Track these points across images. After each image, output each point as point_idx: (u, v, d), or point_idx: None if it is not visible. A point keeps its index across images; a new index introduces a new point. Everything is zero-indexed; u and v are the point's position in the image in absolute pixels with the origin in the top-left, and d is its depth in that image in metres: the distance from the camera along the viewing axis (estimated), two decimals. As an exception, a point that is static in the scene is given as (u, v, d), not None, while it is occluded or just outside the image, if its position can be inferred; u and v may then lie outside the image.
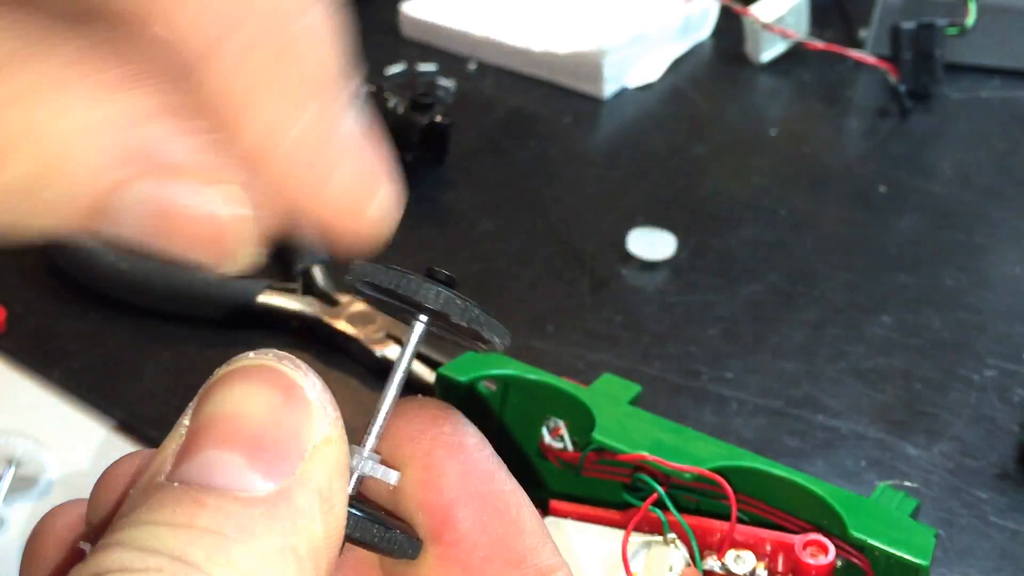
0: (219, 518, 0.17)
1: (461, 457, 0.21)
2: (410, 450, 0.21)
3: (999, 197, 0.70)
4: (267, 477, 0.18)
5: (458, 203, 0.69)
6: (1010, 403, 0.53)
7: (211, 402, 0.19)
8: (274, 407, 0.18)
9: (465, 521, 0.20)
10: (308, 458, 0.18)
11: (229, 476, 0.18)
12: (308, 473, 0.18)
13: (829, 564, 0.34)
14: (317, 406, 0.19)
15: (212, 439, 0.18)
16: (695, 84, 0.85)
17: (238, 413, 0.18)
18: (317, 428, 0.19)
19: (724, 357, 0.55)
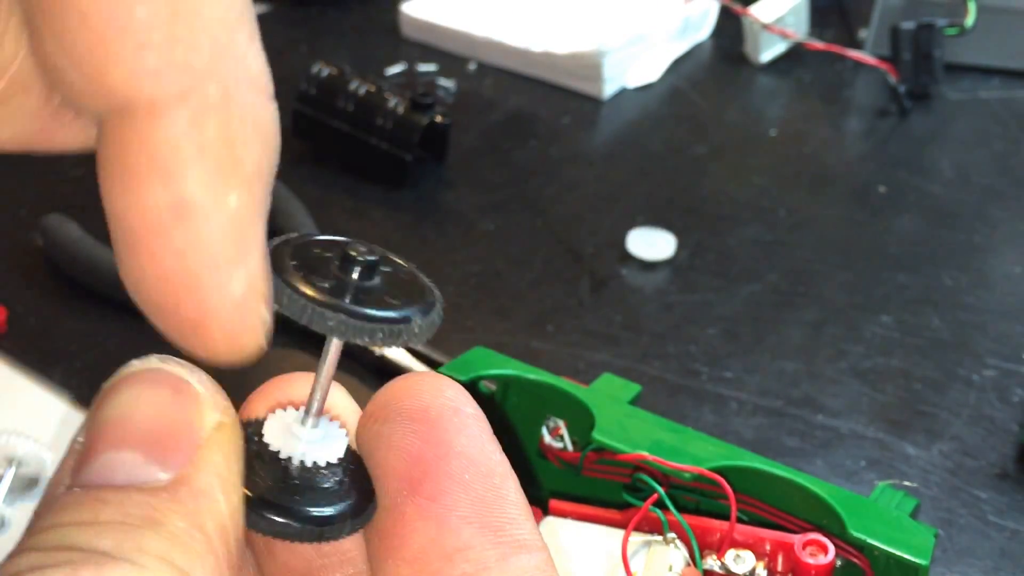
0: (123, 510, 0.18)
1: (456, 419, 0.21)
2: (408, 403, 0.21)
3: (998, 197, 0.70)
4: (165, 468, 0.18)
5: (458, 203, 0.69)
6: (1009, 403, 0.53)
7: (102, 410, 0.19)
8: (163, 403, 0.19)
9: (448, 476, 0.20)
10: (203, 445, 0.19)
11: (128, 473, 0.18)
12: (205, 458, 0.19)
13: (829, 564, 0.34)
14: (206, 397, 0.19)
15: (107, 443, 0.19)
16: (695, 84, 0.85)
17: (130, 415, 0.19)
18: (209, 416, 0.19)
19: (724, 357, 0.56)
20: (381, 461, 0.21)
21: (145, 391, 0.19)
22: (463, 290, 0.60)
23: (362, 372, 0.53)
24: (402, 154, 0.67)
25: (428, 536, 0.20)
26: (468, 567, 0.19)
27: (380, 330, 0.20)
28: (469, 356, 0.42)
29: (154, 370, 0.20)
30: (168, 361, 0.20)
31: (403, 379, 0.22)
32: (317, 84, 0.69)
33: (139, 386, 0.19)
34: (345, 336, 0.20)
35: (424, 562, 0.19)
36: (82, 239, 0.58)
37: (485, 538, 0.20)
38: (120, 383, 0.20)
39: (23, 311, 0.57)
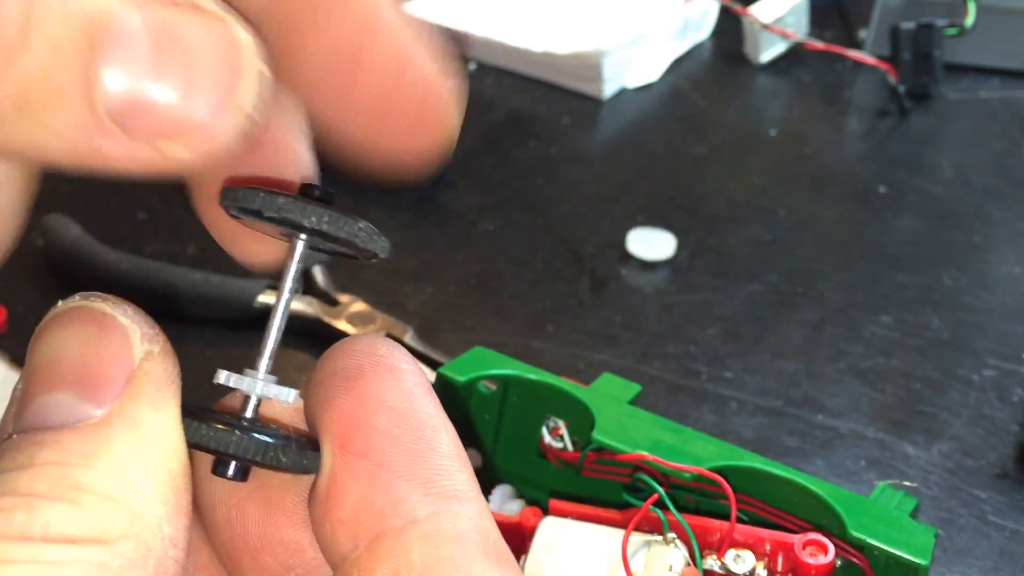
0: (58, 451, 0.18)
1: (388, 375, 0.21)
2: (343, 363, 0.21)
3: (998, 197, 0.70)
4: (98, 404, 0.18)
5: (458, 203, 0.69)
6: (1009, 403, 0.53)
7: (33, 355, 0.19)
8: (89, 340, 0.19)
9: (375, 432, 0.20)
10: (134, 376, 0.19)
11: (62, 414, 0.18)
12: (137, 388, 0.19)
13: (828, 564, 0.34)
14: (132, 328, 0.19)
15: (40, 386, 0.19)
16: (695, 84, 0.85)
17: (58, 356, 0.19)
18: (136, 347, 0.19)
19: (724, 357, 0.56)
20: (317, 422, 0.21)
21: (71, 330, 0.19)
22: (463, 290, 0.60)
23: (362, 372, 0.53)
24: (402, 154, 0.67)
25: (359, 494, 0.19)
26: (398, 521, 0.19)
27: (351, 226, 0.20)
28: (469, 356, 0.42)
29: (78, 308, 0.20)
30: (91, 297, 0.20)
31: (341, 342, 0.22)
32: (317, 84, 0.69)
33: (65, 326, 0.19)
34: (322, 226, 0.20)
35: (357, 521, 0.19)
36: (82, 239, 0.58)
37: (414, 491, 0.19)
38: (47, 325, 0.20)
39: (23, 311, 0.57)
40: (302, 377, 0.55)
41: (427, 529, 0.19)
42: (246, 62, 0.18)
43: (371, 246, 0.21)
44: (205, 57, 0.17)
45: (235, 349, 0.55)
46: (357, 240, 0.21)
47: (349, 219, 0.20)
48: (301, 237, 0.21)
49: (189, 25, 0.17)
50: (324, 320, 0.55)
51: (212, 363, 0.54)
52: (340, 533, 0.19)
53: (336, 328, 0.54)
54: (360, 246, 0.21)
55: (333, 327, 0.54)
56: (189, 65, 0.17)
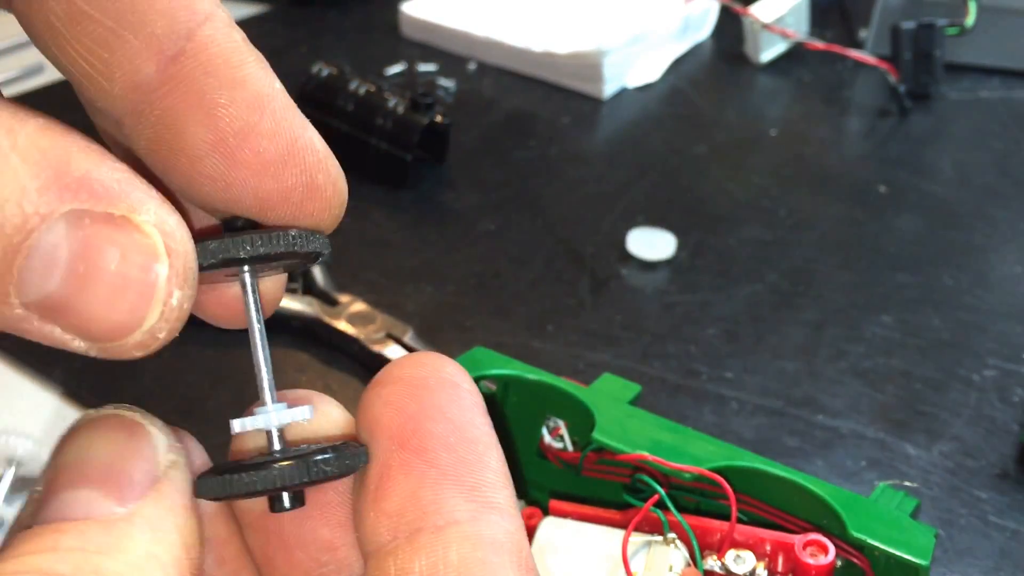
0: (82, 538, 0.18)
1: (451, 391, 0.22)
2: (409, 372, 0.22)
3: (998, 197, 0.70)
4: (121, 503, 0.19)
5: (458, 203, 0.69)
6: (1010, 403, 0.53)
7: (59, 455, 0.20)
8: (119, 444, 0.20)
9: (434, 436, 0.21)
10: (158, 481, 0.20)
11: (85, 508, 0.19)
12: (161, 492, 0.20)
13: (829, 564, 0.34)
14: (159, 436, 0.20)
15: (65, 483, 0.19)
16: (695, 84, 0.85)
17: (86, 456, 0.20)
18: (162, 455, 0.20)
19: (724, 357, 0.55)
20: (376, 416, 0.21)
21: (101, 433, 0.20)
22: (463, 290, 0.60)
23: (363, 372, 0.53)
24: (402, 154, 0.67)
25: (408, 489, 0.20)
26: (440, 520, 0.20)
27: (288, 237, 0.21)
28: (469, 356, 0.42)
29: (109, 416, 0.21)
30: (121, 407, 0.21)
31: (409, 355, 0.23)
32: (317, 84, 0.69)
33: (95, 430, 0.20)
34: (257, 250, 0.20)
35: (401, 514, 0.20)
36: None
37: (461, 495, 0.20)
38: (77, 429, 0.20)
39: (23, 311, 0.57)
40: (302, 377, 0.56)
41: (467, 531, 0.20)
42: (160, 290, 0.18)
43: (312, 247, 0.22)
44: (120, 281, 0.18)
45: (235, 350, 0.55)
46: (296, 248, 0.21)
47: (278, 233, 0.21)
48: (245, 269, 0.22)
49: (110, 245, 0.18)
50: (324, 320, 0.55)
51: (212, 363, 0.54)
52: (382, 523, 0.20)
53: (336, 328, 0.54)
54: (301, 251, 0.21)
55: (333, 327, 0.54)
56: (102, 286, 0.18)
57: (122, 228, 0.18)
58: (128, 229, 0.18)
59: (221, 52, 0.20)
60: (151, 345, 0.19)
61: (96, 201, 0.17)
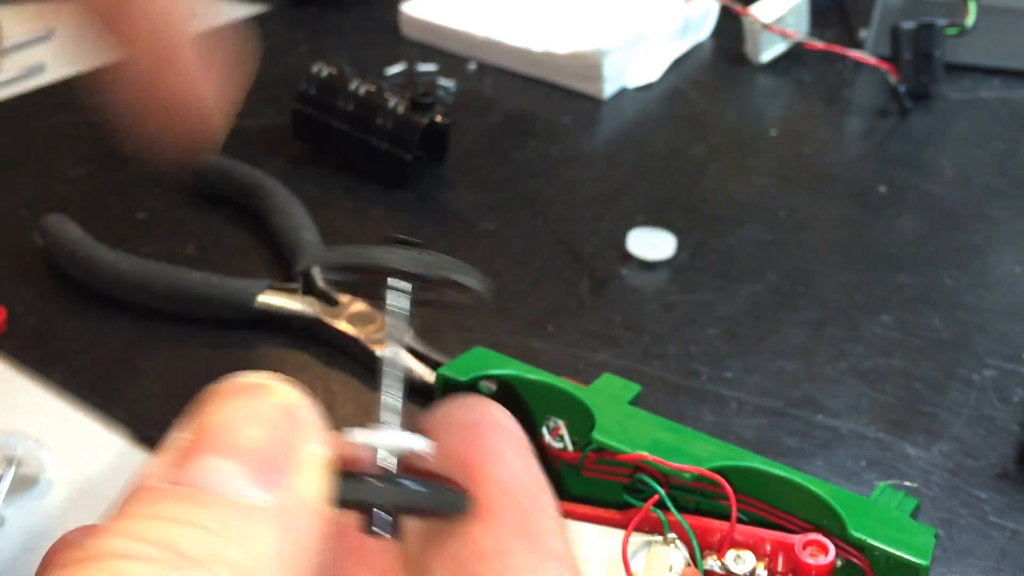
0: (213, 518, 0.18)
1: (502, 435, 0.22)
2: (460, 418, 0.23)
3: (999, 197, 0.70)
4: (260, 487, 0.19)
5: (458, 203, 0.69)
6: (1010, 403, 0.53)
7: (208, 414, 0.20)
8: (270, 422, 0.19)
9: (495, 484, 0.21)
10: (300, 473, 0.19)
11: (225, 482, 0.18)
12: (299, 488, 0.19)
13: (829, 564, 0.34)
14: (310, 425, 0.20)
15: (209, 447, 0.19)
16: (695, 84, 0.85)
17: (235, 425, 0.19)
18: (310, 446, 0.20)
19: (724, 357, 0.55)
20: (436, 468, 0.22)
21: (257, 405, 0.20)
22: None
23: (363, 372, 0.53)
24: (402, 154, 0.67)
25: (471, 536, 0.21)
26: (501, 568, 0.20)
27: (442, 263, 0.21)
28: (469, 356, 0.42)
29: (266, 386, 0.20)
30: (286, 385, 0.20)
31: (454, 400, 0.23)
32: (317, 84, 0.69)
33: (252, 399, 0.20)
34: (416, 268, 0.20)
35: (462, 560, 0.21)
36: (82, 239, 0.58)
37: (521, 544, 0.21)
38: (231, 389, 0.20)
39: (23, 311, 0.57)
40: (302, 377, 0.56)
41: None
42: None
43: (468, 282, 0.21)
44: None
45: (235, 349, 0.55)
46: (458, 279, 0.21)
47: (442, 257, 0.21)
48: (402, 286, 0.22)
49: None
50: (324, 320, 0.55)
51: (211, 363, 0.54)
52: (443, 568, 0.21)
53: (336, 328, 0.54)
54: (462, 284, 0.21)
55: (333, 327, 0.54)
56: None
57: None
58: None
59: None
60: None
61: None
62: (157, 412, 0.51)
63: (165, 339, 0.55)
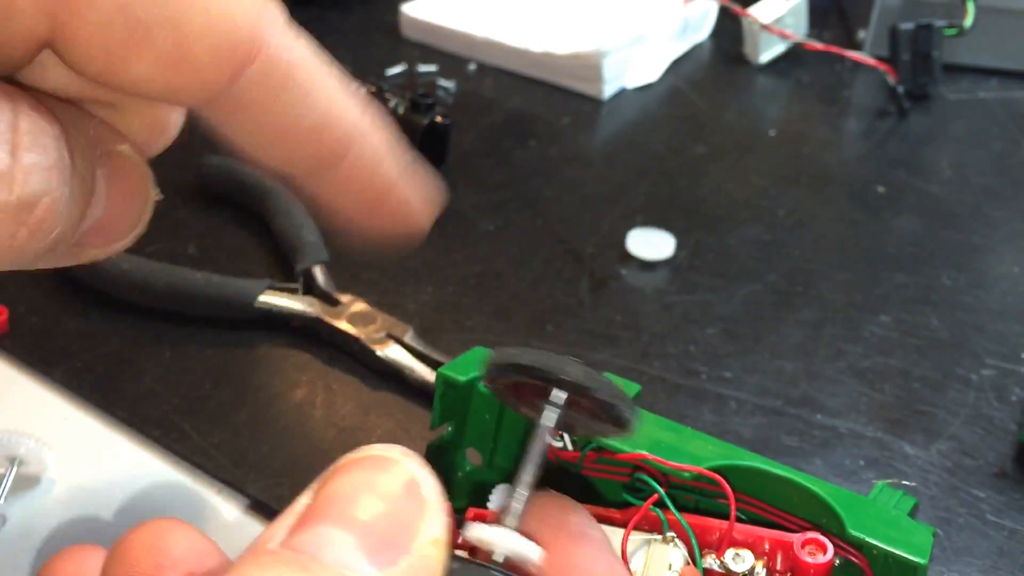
0: None
1: (584, 544, 0.23)
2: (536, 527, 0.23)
3: (997, 197, 0.70)
4: (373, 563, 0.18)
5: (458, 203, 0.69)
6: (1008, 402, 0.53)
7: (333, 483, 0.19)
8: (392, 497, 0.19)
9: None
10: (415, 553, 0.19)
11: (338, 553, 0.18)
12: (411, 568, 0.19)
13: (828, 563, 0.35)
14: (432, 505, 0.20)
15: (327, 516, 0.19)
16: (694, 85, 0.85)
17: (357, 497, 0.19)
18: (429, 527, 0.19)
19: (723, 357, 0.56)
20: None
21: (379, 478, 0.19)
22: (463, 290, 0.60)
23: (363, 372, 0.54)
24: (402, 154, 0.67)
25: None
26: None
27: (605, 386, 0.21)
28: (469, 356, 0.42)
29: (393, 461, 0.20)
30: (408, 455, 0.20)
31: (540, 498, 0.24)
32: (317, 84, 0.69)
33: (374, 471, 0.20)
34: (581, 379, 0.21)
35: None
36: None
37: None
38: (358, 462, 0.20)
39: (24, 311, 0.57)
40: (302, 377, 0.56)
41: None
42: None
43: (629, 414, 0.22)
44: None
45: (236, 349, 0.55)
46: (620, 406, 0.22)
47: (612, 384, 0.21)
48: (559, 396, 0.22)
49: None
50: (325, 320, 0.55)
51: (212, 363, 0.55)
52: None
53: (337, 328, 0.54)
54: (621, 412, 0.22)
55: (334, 327, 0.54)
56: None
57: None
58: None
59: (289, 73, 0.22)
60: None
61: None
62: (158, 412, 0.51)
63: (166, 339, 0.55)
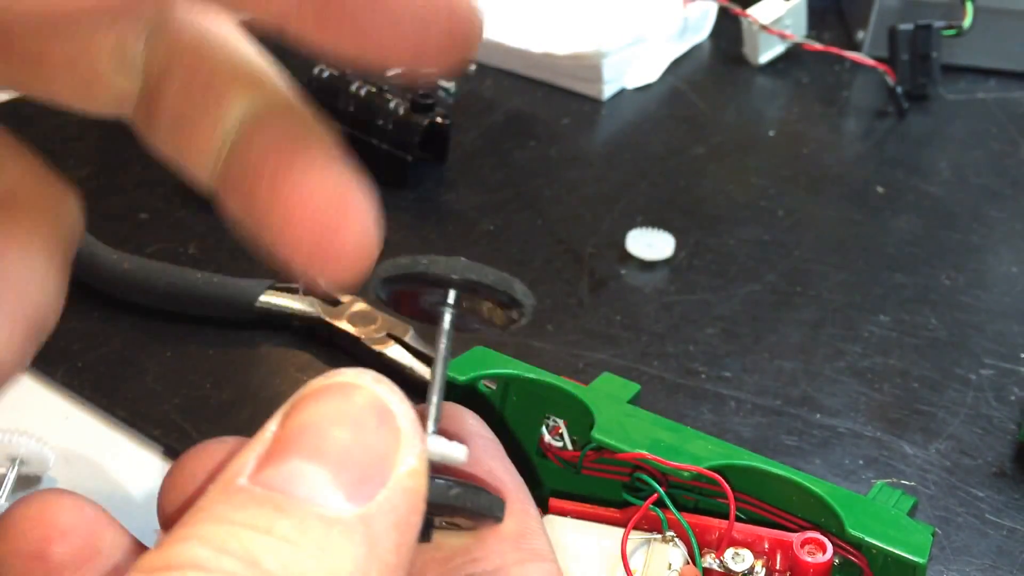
0: (298, 530, 0.17)
1: (481, 442, 0.23)
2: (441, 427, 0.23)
3: (996, 197, 0.70)
4: (349, 498, 0.18)
5: (458, 203, 0.69)
6: (1007, 402, 0.53)
7: (302, 412, 0.19)
8: (366, 428, 0.18)
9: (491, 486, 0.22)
10: (391, 487, 0.18)
11: (312, 489, 0.18)
12: (389, 502, 0.18)
13: (827, 562, 0.35)
14: (407, 435, 0.19)
15: (299, 449, 0.18)
16: (694, 85, 0.85)
17: (329, 428, 0.18)
18: (405, 457, 0.19)
19: (722, 356, 0.56)
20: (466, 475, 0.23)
21: (351, 408, 0.19)
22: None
23: (363, 372, 0.54)
24: (403, 155, 0.68)
25: (460, 539, 0.21)
26: (488, 567, 0.21)
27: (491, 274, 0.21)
28: (469, 356, 0.42)
29: (365, 389, 0.19)
30: (381, 382, 0.19)
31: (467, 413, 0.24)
32: (318, 85, 0.69)
33: (346, 400, 0.19)
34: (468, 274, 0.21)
35: (453, 561, 0.21)
36: (84, 239, 0.59)
37: (507, 545, 0.21)
38: (328, 389, 0.19)
39: (25, 311, 0.57)
40: (303, 377, 0.56)
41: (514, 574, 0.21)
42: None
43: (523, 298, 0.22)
44: None
45: (237, 349, 0.55)
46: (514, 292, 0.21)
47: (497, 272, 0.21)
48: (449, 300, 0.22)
49: None
50: (325, 320, 0.55)
51: (212, 363, 0.55)
52: (431, 569, 0.21)
53: (337, 328, 0.54)
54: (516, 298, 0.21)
55: (334, 326, 0.54)
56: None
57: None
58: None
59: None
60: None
61: None
62: (159, 411, 0.51)
63: (167, 339, 0.56)
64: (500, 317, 0.22)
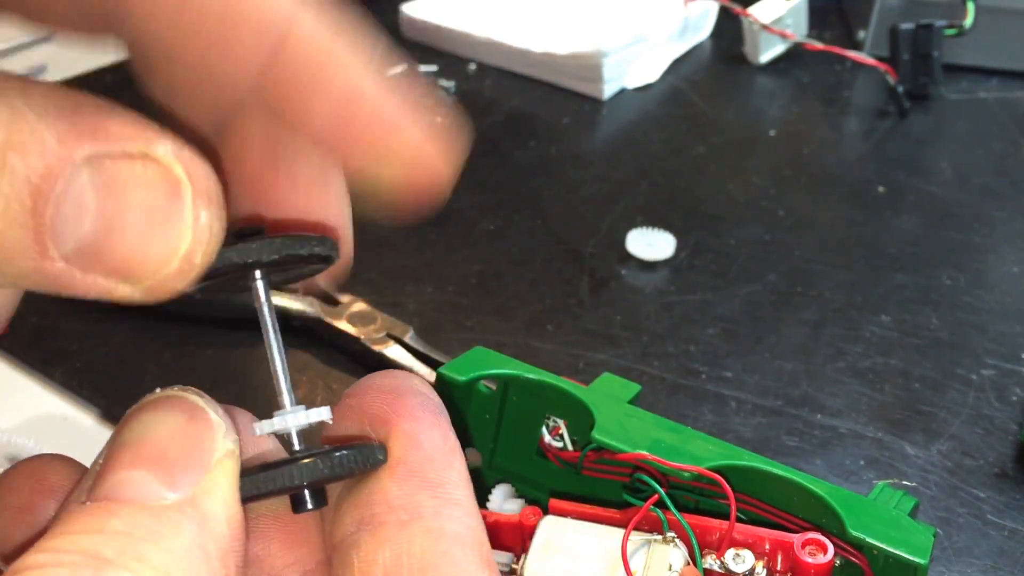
0: (129, 523, 0.18)
1: (419, 399, 0.23)
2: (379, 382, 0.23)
3: (997, 197, 0.70)
4: (173, 489, 0.19)
5: (458, 203, 0.69)
6: (1008, 402, 0.53)
7: (121, 433, 0.20)
8: (178, 427, 0.20)
9: (405, 435, 0.22)
10: (212, 469, 0.20)
11: (138, 491, 0.19)
12: (212, 482, 0.20)
13: (828, 563, 0.35)
14: (219, 424, 0.20)
15: (122, 462, 0.20)
16: (694, 85, 0.85)
17: (145, 437, 0.20)
18: (220, 444, 0.20)
19: (723, 357, 0.56)
20: (351, 424, 0.23)
21: (162, 415, 0.20)
22: (463, 290, 0.60)
23: (363, 372, 0.54)
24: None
25: (379, 486, 0.21)
26: (405, 515, 0.21)
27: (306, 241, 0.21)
28: (469, 356, 0.42)
29: (173, 397, 0.21)
30: (188, 391, 0.21)
31: (378, 372, 0.24)
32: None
33: (157, 411, 0.20)
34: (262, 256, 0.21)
35: (370, 508, 0.21)
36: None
37: (425, 492, 0.21)
38: (141, 408, 0.21)
39: (24, 311, 0.57)
40: (303, 377, 0.56)
41: (431, 525, 0.21)
42: (187, 211, 0.19)
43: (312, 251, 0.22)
44: (148, 212, 0.18)
45: (236, 349, 0.55)
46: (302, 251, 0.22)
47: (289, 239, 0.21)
48: (257, 276, 0.22)
49: (133, 181, 0.18)
50: (325, 320, 0.55)
51: (212, 363, 0.55)
52: (348, 515, 0.21)
53: (337, 328, 0.54)
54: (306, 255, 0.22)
55: (334, 327, 0.54)
56: (132, 220, 0.18)
57: (142, 163, 0.18)
58: (147, 163, 0.18)
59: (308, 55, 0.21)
60: (190, 273, 0.19)
61: (113, 144, 0.18)
62: (158, 412, 0.51)
63: (166, 339, 0.55)
64: (311, 269, 0.23)
